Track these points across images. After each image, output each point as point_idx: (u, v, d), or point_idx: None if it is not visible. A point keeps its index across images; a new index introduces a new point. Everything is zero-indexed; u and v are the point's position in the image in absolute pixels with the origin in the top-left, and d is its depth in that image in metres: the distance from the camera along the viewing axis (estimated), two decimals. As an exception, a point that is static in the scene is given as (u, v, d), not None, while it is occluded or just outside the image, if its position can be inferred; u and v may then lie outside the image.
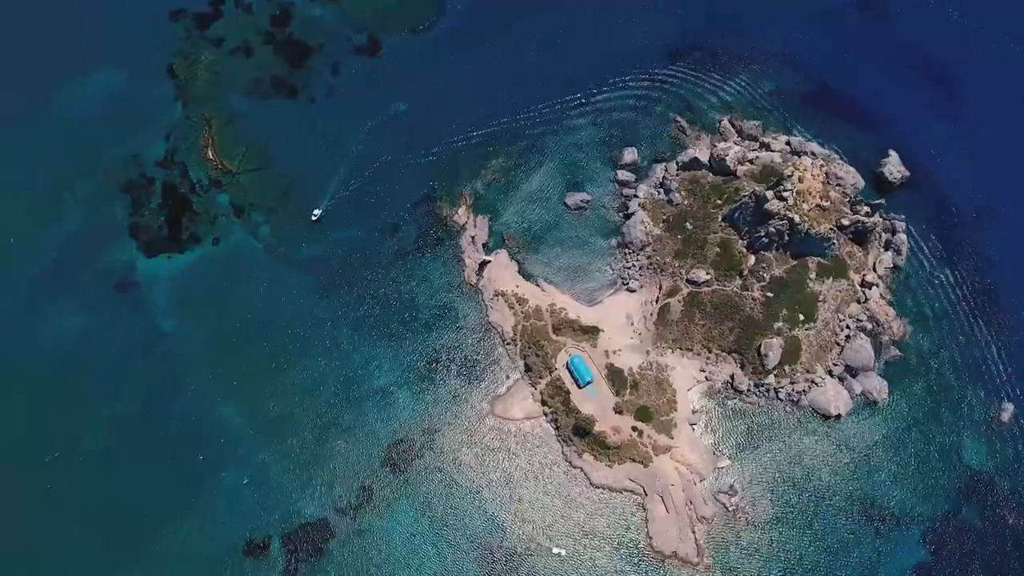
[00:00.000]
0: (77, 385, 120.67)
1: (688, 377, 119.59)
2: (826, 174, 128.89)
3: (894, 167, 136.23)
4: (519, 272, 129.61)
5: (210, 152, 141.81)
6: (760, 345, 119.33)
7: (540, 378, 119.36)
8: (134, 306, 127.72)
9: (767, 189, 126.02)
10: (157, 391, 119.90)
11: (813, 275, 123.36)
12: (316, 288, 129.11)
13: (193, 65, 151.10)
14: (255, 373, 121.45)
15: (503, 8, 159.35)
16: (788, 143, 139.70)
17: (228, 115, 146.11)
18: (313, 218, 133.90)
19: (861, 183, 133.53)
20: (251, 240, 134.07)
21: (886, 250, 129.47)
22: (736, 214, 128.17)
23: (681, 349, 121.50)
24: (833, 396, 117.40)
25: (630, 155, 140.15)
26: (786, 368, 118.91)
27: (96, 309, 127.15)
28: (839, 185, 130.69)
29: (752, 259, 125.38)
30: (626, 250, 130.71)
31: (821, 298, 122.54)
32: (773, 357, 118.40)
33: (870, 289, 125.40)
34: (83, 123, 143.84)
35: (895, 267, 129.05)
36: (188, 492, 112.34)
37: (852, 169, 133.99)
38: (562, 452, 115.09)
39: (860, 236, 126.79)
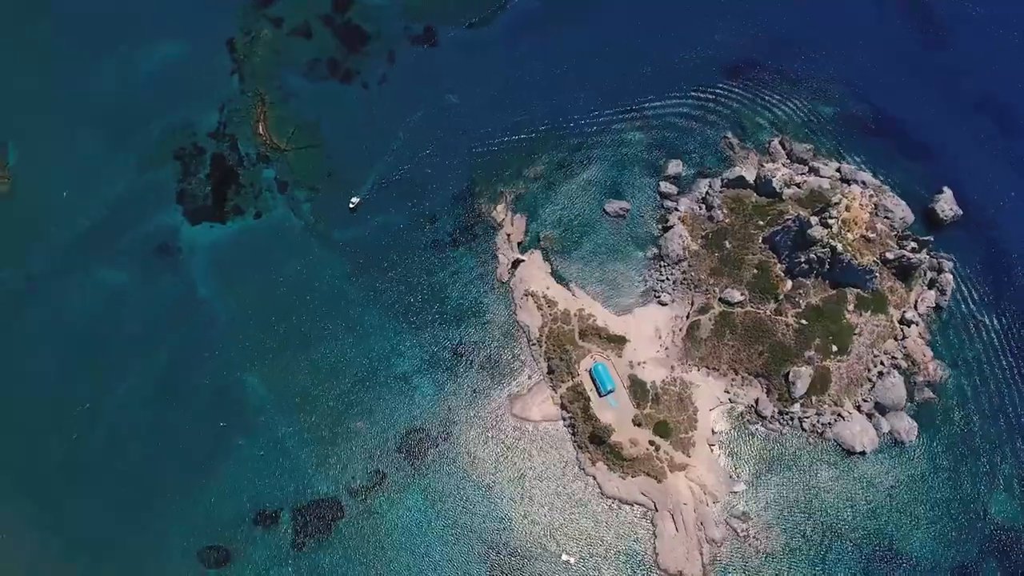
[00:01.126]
0: (112, 341, 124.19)
1: (711, 397, 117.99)
2: (875, 205, 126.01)
3: (947, 204, 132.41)
4: (551, 274, 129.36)
5: (261, 127, 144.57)
6: (789, 372, 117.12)
7: (562, 382, 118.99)
8: (174, 270, 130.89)
9: (812, 214, 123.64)
10: (187, 354, 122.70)
11: (851, 307, 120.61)
12: (350, 270, 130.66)
13: (253, 41, 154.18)
14: (283, 347, 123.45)
15: (564, 9, 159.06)
16: (838, 170, 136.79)
17: (282, 93, 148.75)
18: (351, 205, 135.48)
19: (911, 217, 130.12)
20: (292, 217, 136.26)
21: (930, 289, 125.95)
22: (777, 237, 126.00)
23: (707, 368, 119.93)
24: (859, 432, 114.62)
25: (675, 167, 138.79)
26: (813, 398, 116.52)
27: (137, 269, 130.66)
28: (887, 217, 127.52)
29: (789, 284, 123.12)
30: (661, 263, 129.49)
31: (857, 331, 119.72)
32: (801, 386, 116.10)
33: (909, 327, 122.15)
34: (143, 88, 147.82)
35: (937, 307, 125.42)
36: (206, 455, 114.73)
37: (902, 202, 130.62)
38: (576, 458, 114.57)
39: (904, 272, 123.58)
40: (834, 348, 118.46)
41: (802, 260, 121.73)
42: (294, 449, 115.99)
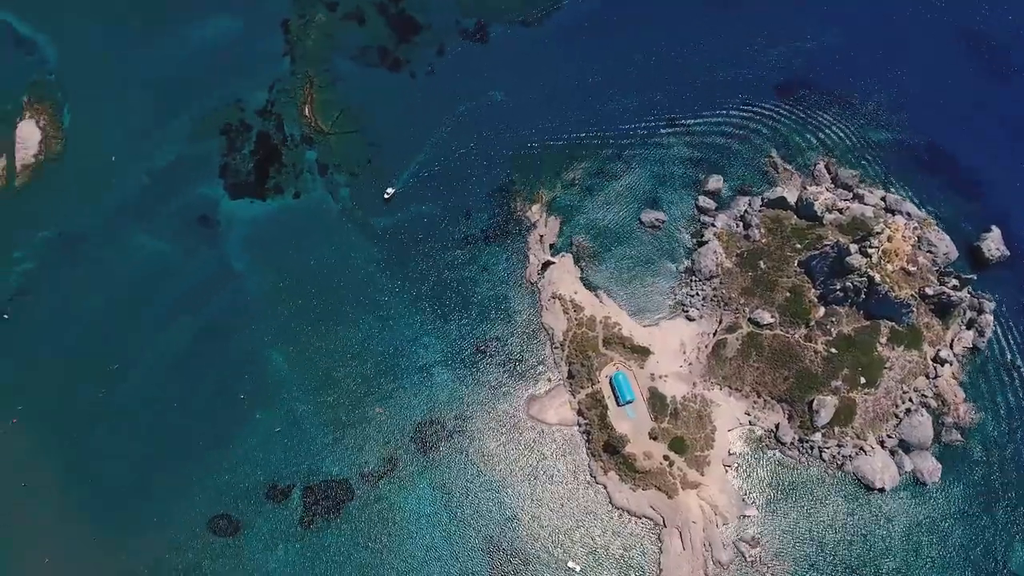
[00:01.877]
0: (146, 305, 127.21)
1: (731, 417, 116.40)
2: (918, 238, 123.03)
3: (994, 244, 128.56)
4: (580, 279, 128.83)
5: (307, 109, 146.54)
6: (813, 400, 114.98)
7: (581, 387, 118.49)
8: (211, 241, 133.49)
9: (852, 242, 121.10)
10: (216, 325, 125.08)
11: (884, 339, 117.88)
12: (382, 257, 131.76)
13: (307, 24, 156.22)
14: (309, 327, 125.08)
15: (618, 15, 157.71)
16: (884, 199, 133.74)
17: (331, 77, 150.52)
18: (386, 196, 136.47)
19: (955, 254, 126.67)
20: (330, 200, 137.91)
21: (968, 328, 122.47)
22: (814, 262, 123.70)
23: (730, 388, 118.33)
24: (880, 468, 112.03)
25: (715, 183, 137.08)
26: (836, 429, 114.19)
27: (176, 237, 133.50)
28: (930, 252, 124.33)
29: (822, 311, 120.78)
30: (693, 277, 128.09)
31: (887, 365, 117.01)
32: (824, 415, 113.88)
33: (942, 366, 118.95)
34: (197, 62, 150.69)
35: (974, 348, 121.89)
36: (225, 426, 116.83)
37: (947, 237, 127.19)
38: (588, 465, 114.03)
39: (942, 309, 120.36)
40: (862, 380, 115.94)
41: (838, 288, 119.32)
42: (311, 428, 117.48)
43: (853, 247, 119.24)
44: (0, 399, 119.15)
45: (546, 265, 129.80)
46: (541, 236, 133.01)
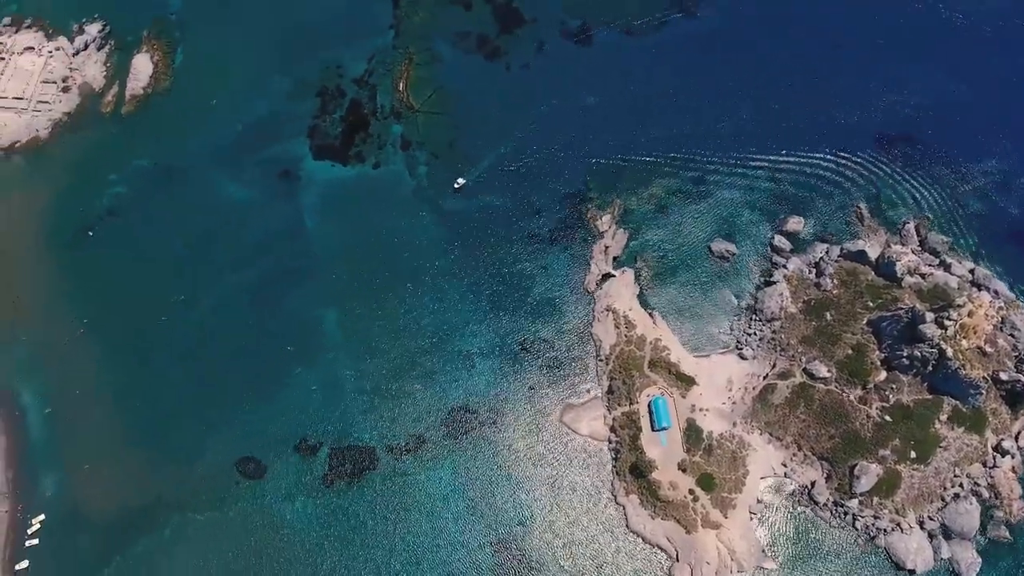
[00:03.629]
0: (219, 245, 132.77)
1: (767, 465, 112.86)
2: (1002, 318, 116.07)
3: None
4: (638, 296, 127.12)
5: (401, 84, 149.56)
6: (856, 465, 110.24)
7: (618, 405, 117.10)
8: (288, 196, 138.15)
9: (929, 310, 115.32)
10: (278, 276, 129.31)
11: (944, 417, 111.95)
12: (447, 239, 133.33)
13: (415, 2, 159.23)
14: (365, 295, 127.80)
15: (725, 39, 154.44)
16: (972, 271, 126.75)
17: (429, 56, 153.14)
18: (456, 186, 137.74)
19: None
20: (407, 176, 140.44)
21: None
22: (884, 323, 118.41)
23: (771, 435, 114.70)
24: (915, 549, 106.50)
25: (795, 224, 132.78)
26: (875, 499, 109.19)
27: (258, 187, 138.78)
28: (1012, 335, 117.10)
29: (883, 375, 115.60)
30: (753, 316, 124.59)
31: (943, 444, 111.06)
32: (865, 482, 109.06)
33: (1003, 456, 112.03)
34: (308, 23, 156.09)
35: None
36: (267, 373, 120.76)
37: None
38: (612, 483, 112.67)
39: (1014, 397, 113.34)
40: (913, 454, 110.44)
41: (904, 354, 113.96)
42: (349, 392, 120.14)
43: (929, 315, 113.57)
44: (72, 309, 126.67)
45: (606, 276, 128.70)
46: (607, 247, 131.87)
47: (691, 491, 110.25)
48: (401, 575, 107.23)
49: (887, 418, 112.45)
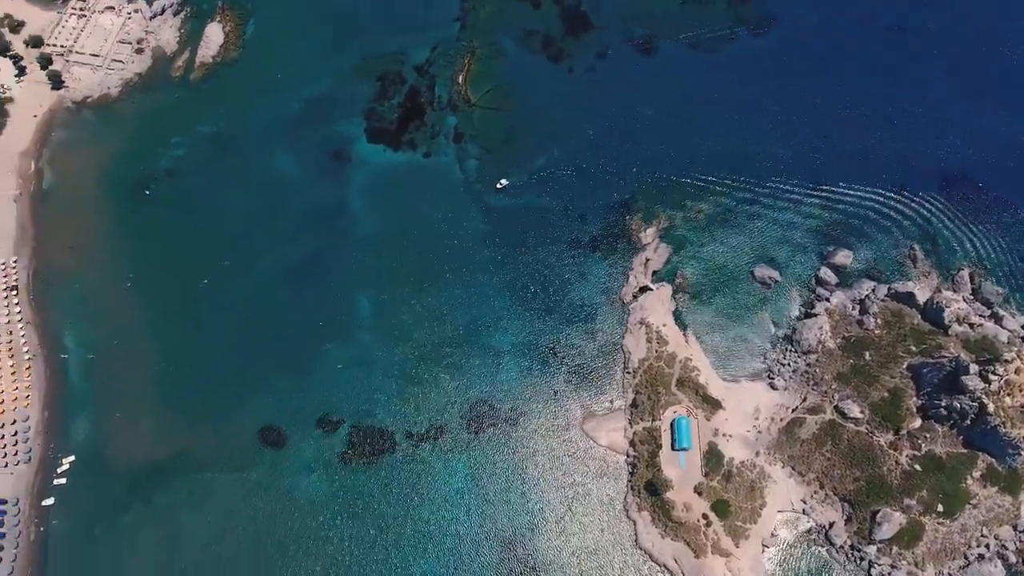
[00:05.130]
0: (267, 216, 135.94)
1: (786, 499, 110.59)
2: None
3: None
4: (673, 313, 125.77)
5: (461, 77, 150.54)
6: (879, 511, 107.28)
7: (641, 419, 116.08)
8: (338, 176, 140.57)
9: (974, 362, 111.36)
10: (319, 252, 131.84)
11: (977, 474, 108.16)
12: (490, 235, 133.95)
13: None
14: (403, 279, 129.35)
15: (794, 61, 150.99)
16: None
17: (492, 51, 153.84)
18: (499, 186, 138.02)
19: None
20: (456, 168, 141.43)
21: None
22: (925, 370, 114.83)
23: (793, 469, 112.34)
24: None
25: (843, 258, 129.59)
26: (894, 548, 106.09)
27: (309, 163, 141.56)
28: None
29: (918, 422, 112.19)
30: (789, 347, 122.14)
31: (973, 501, 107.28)
32: (887, 530, 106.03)
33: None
34: (375, 8, 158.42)
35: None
36: (297, 346, 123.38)
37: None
38: (625, 497, 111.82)
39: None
40: (940, 508, 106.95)
41: (943, 404, 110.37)
42: (376, 374, 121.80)
43: (974, 367, 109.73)
44: (123, 263, 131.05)
45: (643, 289, 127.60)
46: (647, 260, 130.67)
47: (705, 515, 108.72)
48: (408, 560, 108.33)
49: (917, 467, 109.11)
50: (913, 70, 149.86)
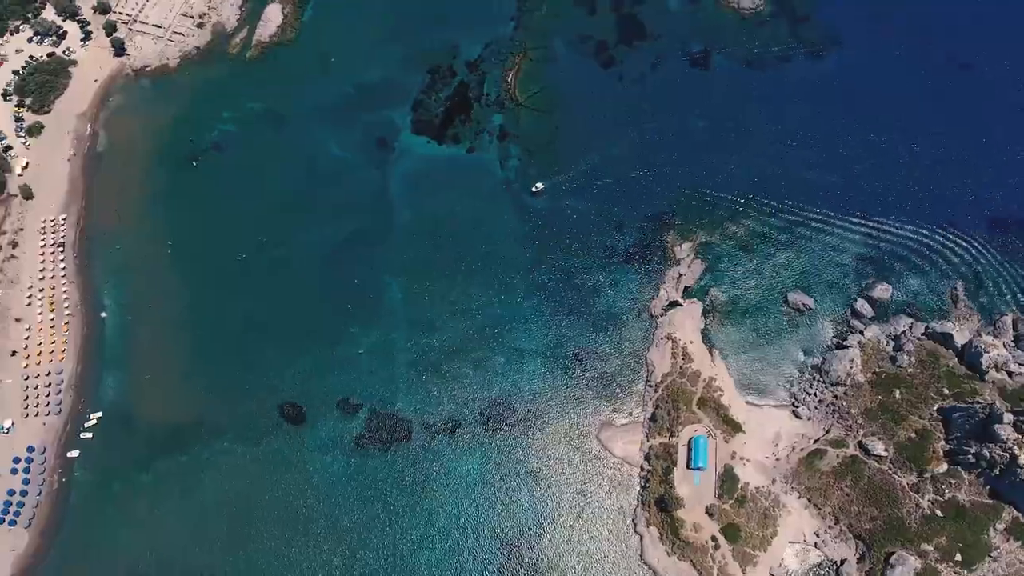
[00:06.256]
0: (307, 196, 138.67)
1: (798, 530, 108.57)
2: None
3: None
4: (702, 331, 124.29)
5: (511, 76, 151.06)
6: (894, 554, 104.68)
7: (658, 434, 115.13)
8: (381, 164, 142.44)
9: (1009, 411, 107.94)
10: (354, 237, 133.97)
11: (1001, 526, 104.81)
12: (525, 235, 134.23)
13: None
14: (433, 271, 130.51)
15: (854, 87, 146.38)
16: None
17: (544, 53, 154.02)
18: (534, 189, 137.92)
19: None
20: (497, 166, 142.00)
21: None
22: (956, 414, 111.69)
23: (809, 500, 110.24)
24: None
25: (882, 292, 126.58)
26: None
27: (353, 149, 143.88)
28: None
29: (944, 467, 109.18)
30: (817, 376, 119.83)
31: (994, 554, 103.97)
32: (899, 573, 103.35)
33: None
34: (431, 4, 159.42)
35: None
36: (326, 327, 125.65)
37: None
38: (635, 510, 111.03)
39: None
40: (958, 557, 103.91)
41: (972, 451, 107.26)
42: (399, 362, 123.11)
43: (1008, 416, 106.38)
44: (164, 230, 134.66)
45: (673, 304, 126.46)
46: (680, 275, 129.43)
47: (714, 538, 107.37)
48: (415, 549, 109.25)
49: (938, 512, 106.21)
50: (977, 108, 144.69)
